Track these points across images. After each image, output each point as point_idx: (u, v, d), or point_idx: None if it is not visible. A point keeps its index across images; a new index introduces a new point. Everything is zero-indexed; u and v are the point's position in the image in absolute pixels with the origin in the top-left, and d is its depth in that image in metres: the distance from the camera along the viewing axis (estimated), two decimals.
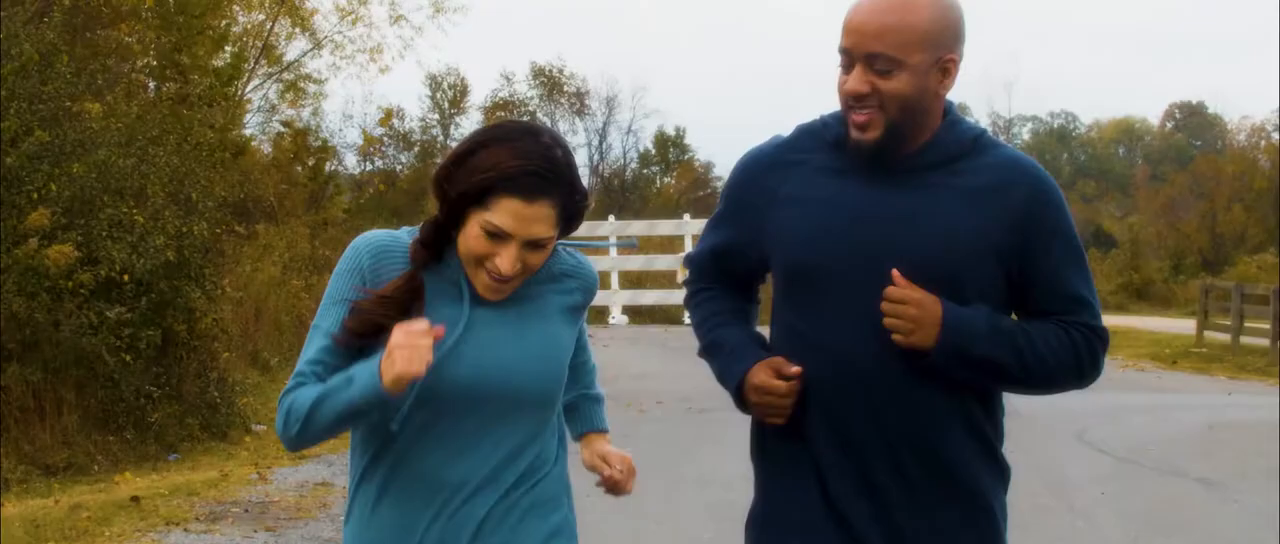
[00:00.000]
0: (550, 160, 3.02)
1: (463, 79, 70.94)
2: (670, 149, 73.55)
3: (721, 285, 3.50)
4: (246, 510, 9.61)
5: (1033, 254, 3.26)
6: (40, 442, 11.45)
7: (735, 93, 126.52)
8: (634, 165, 73.11)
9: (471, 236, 3.02)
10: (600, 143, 74.32)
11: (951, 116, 3.31)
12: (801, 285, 3.28)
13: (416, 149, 63.57)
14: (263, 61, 29.40)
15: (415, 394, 3.03)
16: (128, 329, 12.07)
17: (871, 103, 3.17)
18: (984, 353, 3.19)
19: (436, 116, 71.51)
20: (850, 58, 3.18)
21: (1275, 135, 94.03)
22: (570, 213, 3.09)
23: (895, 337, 3.17)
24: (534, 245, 3.03)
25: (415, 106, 79.85)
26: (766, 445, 3.39)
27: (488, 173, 2.98)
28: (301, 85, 30.90)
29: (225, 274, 14.92)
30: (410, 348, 2.90)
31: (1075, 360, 3.28)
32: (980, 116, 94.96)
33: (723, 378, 3.38)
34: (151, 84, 21.78)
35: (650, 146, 73.31)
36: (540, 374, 3.15)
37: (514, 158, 2.98)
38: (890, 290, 3.17)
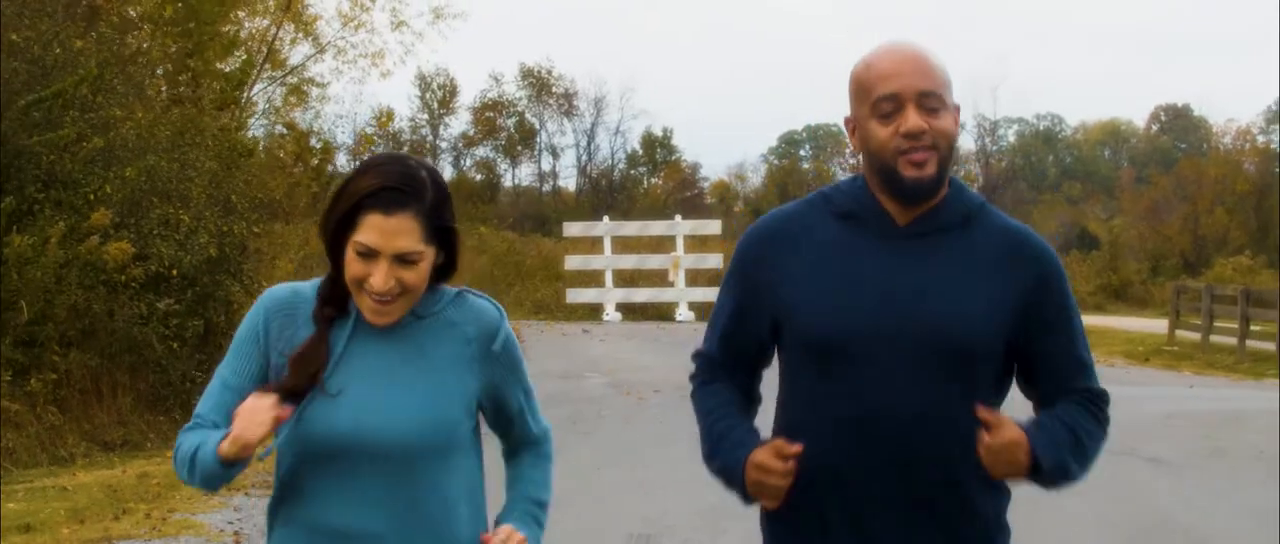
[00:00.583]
0: (407, 176, 3.12)
1: (452, 80, 72.15)
2: (657, 149, 74.50)
3: (727, 377, 3.49)
4: None
5: (1045, 327, 3.33)
6: (98, 420, 12.77)
7: (723, 94, 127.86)
8: (622, 166, 74.08)
9: (350, 261, 3.10)
10: (588, 143, 75.28)
11: (956, 185, 3.36)
12: (822, 359, 3.28)
13: (406, 149, 64.57)
14: (267, 66, 30.60)
15: (298, 443, 3.16)
16: (175, 319, 13.42)
17: (927, 140, 3.20)
18: (1069, 470, 3.32)
19: (426, 117, 72.73)
20: (898, 101, 3.20)
21: (1261, 138, 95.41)
22: (437, 226, 3.15)
23: (1001, 469, 3.24)
24: (403, 260, 3.10)
25: (405, 106, 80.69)
26: (776, 516, 3.41)
27: (352, 195, 3.10)
28: (304, 89, 32.07)
29: (262, 269, 16.25)
30: (249, 415, 3.01)
31: (1104, 433, 3.42)
32: (967, 119, 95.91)
33: (727, 468, 3.35)
34: (163, 88, 22.98)
35: (638, 147, 74.44)
36: (416, 424, 3.18)
37: (374, 178, 3.09)
38: (990, 443, 3.18)
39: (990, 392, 3.31)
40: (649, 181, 74.11)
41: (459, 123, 73.46)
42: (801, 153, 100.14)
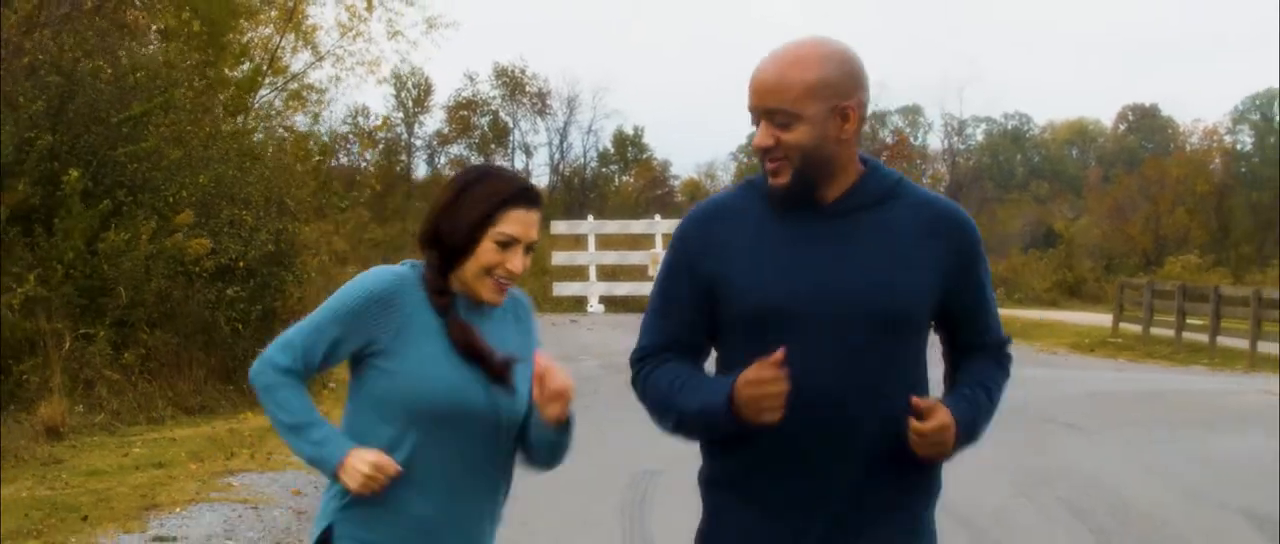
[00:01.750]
0: (528, 182, 3.77)
1: (427, 79, 74.05)
2: (629, 148, 76.53)
3: (673, 360, 3.64)
4: None
5: (966, 290, 3.64)
6: (180, 389, 15.43)
7: (693, 95, 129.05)
8: (593, 164, 76.00)
9: (484, 252, 3.65)
10: (561, 142, 77.41)
11: (872, 164, 3.60)
12: (761, 329, 3.47)
13: (381, 146, 66.45)
14: (269, 72, 33.07)
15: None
16: (239, 304, 16.11)
17: (777, 154, 3.47)
18: (978, 436, 3.65)
19: (401, 115, 74.75)
20: (755, 115, 3.51)
21: (1228, 138, 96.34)
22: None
23: (933, 455, 3.52)
24: (530, 249, 3.71)
25: (380, 105, 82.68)
26: (717, 472, 3.67)
27: (493, 197, 3.65)
28: (303, 94, 34.59)
29: (313, 263, 19.05)
30: (369, 479, 3.62)
31: (1007, 377, 3.79)
32: (934, 118, 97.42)
33: (707, 405, 3.49)
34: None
35: (609, 146, 76.17)
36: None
37: (507, 182, 3.70)
38: (923, 428, 3.46)
39: (919, 355, 3.61)
40: (620, 179, 75.93)
41: (434, 121, 75.05)
42: None
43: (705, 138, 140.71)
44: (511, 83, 75.14)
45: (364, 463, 3.60)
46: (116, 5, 20.60)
